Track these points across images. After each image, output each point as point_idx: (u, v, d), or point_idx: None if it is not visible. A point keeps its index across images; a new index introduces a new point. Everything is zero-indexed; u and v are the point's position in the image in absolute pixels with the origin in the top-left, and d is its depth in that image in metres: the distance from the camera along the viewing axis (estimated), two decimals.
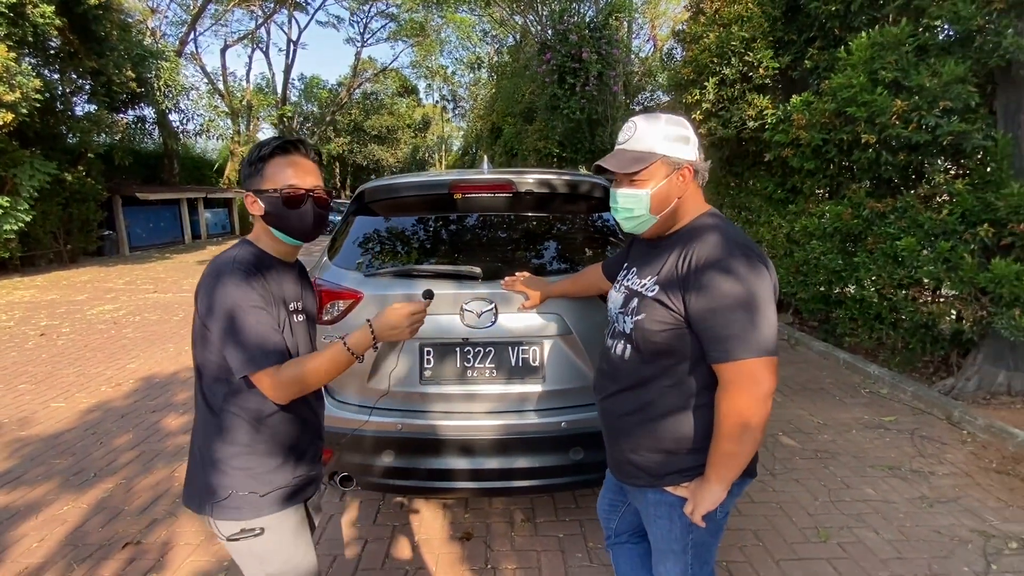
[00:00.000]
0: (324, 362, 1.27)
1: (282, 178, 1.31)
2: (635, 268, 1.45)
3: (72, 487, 3.14)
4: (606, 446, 1.55)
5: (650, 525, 1.46)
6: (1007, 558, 2.39)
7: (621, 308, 1.42)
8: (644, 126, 1.32)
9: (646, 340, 1.33)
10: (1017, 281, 3.40)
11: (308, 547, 1.46)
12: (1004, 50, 3.45)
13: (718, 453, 1.26)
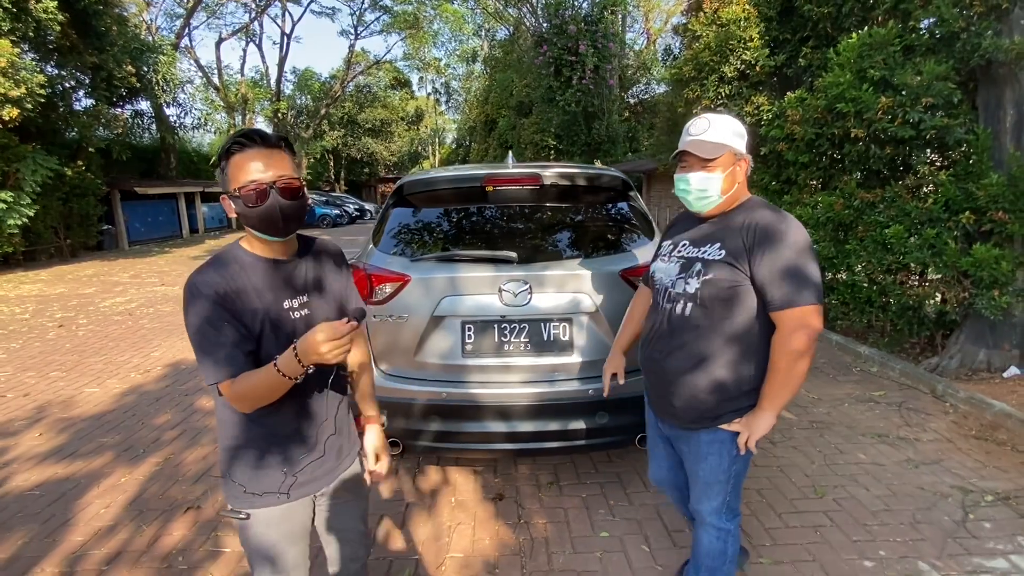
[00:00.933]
0: (261, 381, 1.21)
1: (243, 176, 1.23)
2: (686, 241, 1.71)
3: (125, 460, 3.38)
4: (658, 400, 1.78)
5: (700, 463, 1.71)
6: (982, 509, 2.69)
7: (680, 274, 1.66)
8: (717, 121, 1.60)
9: (714, 296, 1.57)
10: (996, 265, 3.69)
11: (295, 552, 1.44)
12: (984, 50, 3.72)
13: (775, 386, 1.55)
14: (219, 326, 1.22)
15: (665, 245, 1.82)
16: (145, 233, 19.20)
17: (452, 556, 2.43)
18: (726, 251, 1.57)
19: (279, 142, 1.29)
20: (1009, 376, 4.12)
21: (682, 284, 1.64)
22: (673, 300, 1.67)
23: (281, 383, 1.20)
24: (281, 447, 1.35)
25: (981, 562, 2.31)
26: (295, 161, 1.34)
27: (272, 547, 1.39)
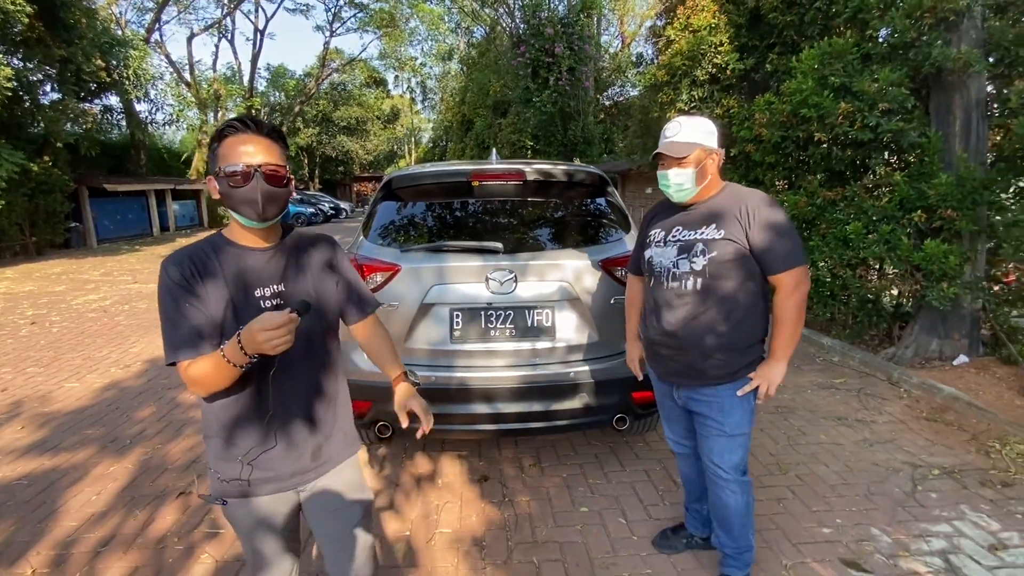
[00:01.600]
0: (211, 366, 1.21)
1: (232, 157, 1.27)
2: (679, 227, 1.94)
3: (112, 452, 3.41)
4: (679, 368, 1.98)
5: (727, 418, 1.93)
6: (930, 481, 2.92)
7: (680, 255, 1.90)
8: (687, 123, 1.86)
9: (718, 269, 1.82)
10: (945, 259, 3.96)
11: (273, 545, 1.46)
12: (934, 59, 3.99)
13: (785, 338, 1.85)
14: (181, 308, 1.25)
15: (653, 233, 2.02)
16: (114, 231, 18.81)
17: (441, 532, 2.55)
18: (724, 231, 1.82)
19: (272, 132, 1.33)
20: (958, 364, 4.41)
21: (686, 264, 1.88)
22: (679, 279, 1.90)
23: (227, 370, 1.19)
24: (236, 436, 1.35)
25: (927, 527, 2.53)
26: (285, 153, 1.36)
27: (249, 535, 1.44)
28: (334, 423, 1.49)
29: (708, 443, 2.00)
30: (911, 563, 2.29)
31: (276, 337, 1.11)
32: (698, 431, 2.05)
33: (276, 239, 1.40)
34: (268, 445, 1.36)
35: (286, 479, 1.41)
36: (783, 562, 2.31)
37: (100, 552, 2.45)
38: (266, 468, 1.37)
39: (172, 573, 2.30)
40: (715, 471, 2.01)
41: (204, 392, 1.28)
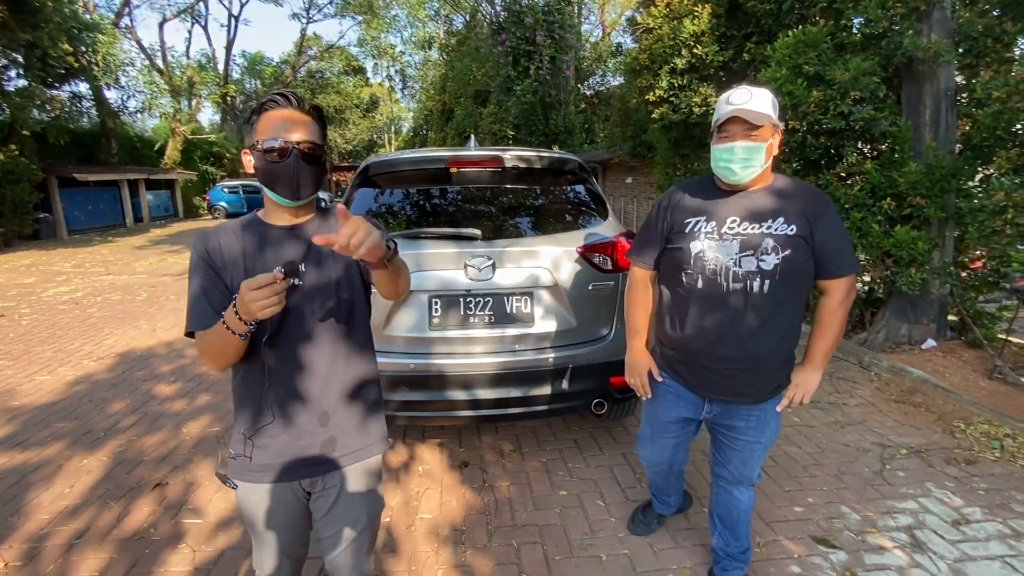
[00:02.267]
0: (215, 336, 1.21)
1: (270, 131, 1.25)
2: (735, 218, 1.67)
3: (84, 445, 3.35)
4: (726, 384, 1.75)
5: (764, 431, 1.82)
6: (898, 460, 3.01)
7: (744, 252, 1.64)
8: (758, 93, 1.60)
9: (794, 271, 1.62)
10: (914, 245, 4.06)
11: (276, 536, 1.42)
12: (905, 49, 4.06)
13: (830, 345, 1.73)
14: (202, 282, 1.28)
15: (695, 223, 1.72)
16: (86, 222, 18.33)
17: (421, 517, 2.57)
18: (796, 227, 1.61)
19: (312, 109, 1.30)
20: (927, 347, 4.54)
21: (752, 262, 1.63)
22: (743, 279, 1.64)
23: (229, 338, 1.17)
24: (241, 411, 1.37)
25: (894, 504, 2.61)
26: (324, 131, 1.33)
27: (252, 521, 1.41)
28: (352, 416, 1.41)
29: (739, 455, 1.88)
30: (878, 539, 2.37)
31: (262, 297, 1.06)
32: (723, 444, 1.91)
33: (306, 218, 1.37)
34: (265, 420, 1.33)
35: (286, 467, 1.35)
36: (756, 540, 2.37)
37: (74, 545, 2.41)
38: (264, 445, 1.34)
39: (149, 564, 2.28)
40: (739, 481, 1.92)
41: (215, 364, 1.26)
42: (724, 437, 1.90)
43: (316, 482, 1.40)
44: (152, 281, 9.12)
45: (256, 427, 1.34)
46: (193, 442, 3.35)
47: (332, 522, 1.43)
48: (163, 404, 3.96)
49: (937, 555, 2.26)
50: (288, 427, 1.34)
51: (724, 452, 1.93)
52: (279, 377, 1.32)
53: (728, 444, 1.89)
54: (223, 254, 1.29)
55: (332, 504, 1.41)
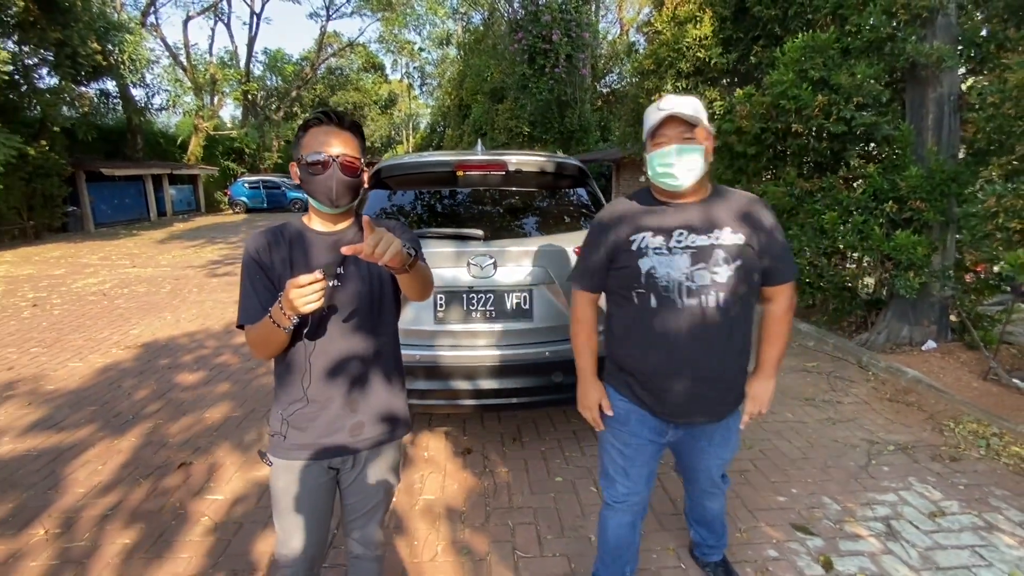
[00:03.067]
0: (262, 329, 1.36)
1: (315, 147, 1.39)
2: (682, 230, 1.59)
3: (114, 428, 3.59)
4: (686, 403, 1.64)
5: (726, 447, 1.82)
6: (884, 456, 3.12)
7: (696, 265, 1.56)
8: (687, 98, 1.58)
9: (744, 281, 1.57)
10: (913, 250, 4.14)
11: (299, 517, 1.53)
12: (908, 54, 4.13)
13: (781, 351, 1.73)
14: (251, 280, 1.44)
15: (640, 239, 1.62)
16: (111, 215, 18.89)
17: (424, 499, 2.75)
18: (743, 234, 1.57)
19: (352, 126, 1.44)
20: (927, 349, 4.61)
21: (705, 275, 1.55)
22: (697, 295, 1.56)
23: (274, 331, 1.32)
24: (282, 394, 1.50)
25: (875, 496, 2.73)
26: (362, 145, 1.46)
27: (281, 498, 1.53)
28: (379, 403, 1.54)
29: (705, 472, 1.88)
30: (855, 527, 2.49)
31: (304, 295, 1.21)
32: (688, 463, 1.90)
33: (345, 224, 1.51)
34: (301, 404, 1.47)
35: (321, 446, 1.49)
36: (738, 526, 2.51)
37: (107, 516, 2.63)
38: (301, 427, 1.48)
39: (175, 535, 2.49)
40: (711, 488, 1.95)
41: (261, 354, 1.41)
42: (688, 457, 1.87)
43: (345, 460, 1.56)
44: (175, 274, 9.44)
45: (293, 410, 1.48)
46: (215, 427, 3.57)
47: (354, 493, 1.60)
48: (186, 391, 4.20)
49: (909, 543, 2.38)
50: (323, 411, 1.48)
51: (689, 471, 1.92)
52: (316, 366, 1.46)
53: (693, 464, 1.87)
54: (271, 255, 1.44)
55: (356, 478, 1.59)
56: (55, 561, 2.32)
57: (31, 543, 2.44)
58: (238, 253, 11.94)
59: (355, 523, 1.66)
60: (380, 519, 1.69)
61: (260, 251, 1.44)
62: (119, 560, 2.33)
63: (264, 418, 3.67)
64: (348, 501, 1.63)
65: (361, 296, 1.47)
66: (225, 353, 5.06)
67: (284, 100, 31.89)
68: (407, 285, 1.45)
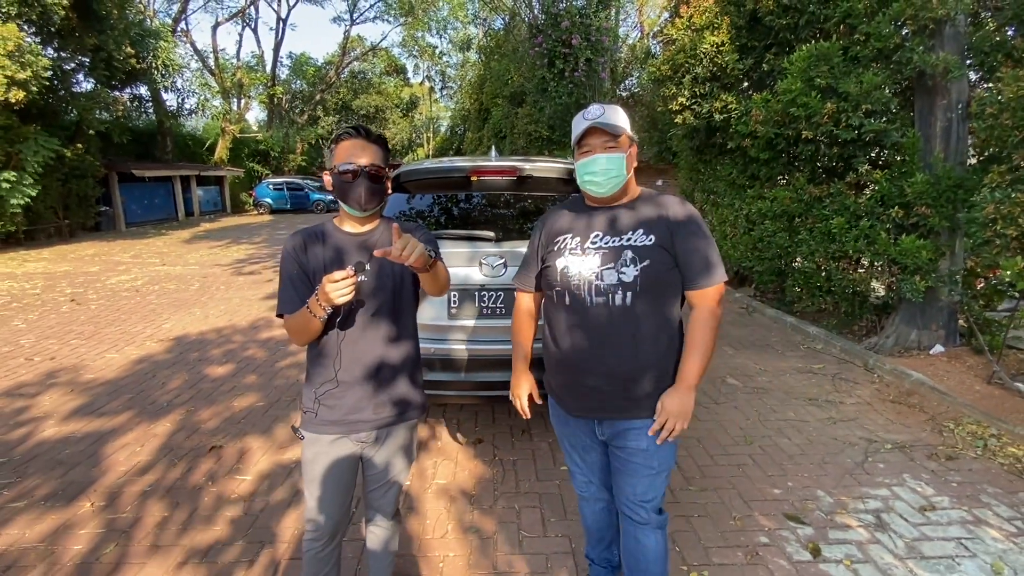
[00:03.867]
0: (299, 317, 1.54)
1: (344, 157, 1.57)
2: (598, 232, 1.66)
3: (149, 414, 3.84)
4: (604, 400, 1.67)
5: (657, 453, 1.68)
6: (881, 453, 3.22)
7: (605, 265, 1.61)
8: (611, 107, 1.64)
9: (655, 281, 1.59)
10: (918, 254, 4.21)
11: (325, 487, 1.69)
12: (914, 64, 4.21)
13: (703, 362, 1.61)
14: (289, 275, 1.63)
15: (562, 240, 1.71)
16: (141, 215, 19.51)
17: (436, 483, 2.93)
18: (655, 236, 1.60)
19: (377, 139, 1.63)
20: (934, 353, 4.66)
21: (613, 275, 1.60)
22: (604, 292, 1.61)
23: (310, 320, 1.51)
24: (314, 375, 1.68)
25: (867, 490, 2.84)
26: (387, 155, 1.64)
27: (311, 469, 1.70)
28: (400, 385, 1.72)
29: (631, 481, 1.72)
30: (845, 518, 2.61)
31: (337, 289, 1.40)
32: (617, 468, 1.76)
33: (372, 226, 1.69)
34: (332, 385, 1.65)
35: (348, 422, 1.66)
36: (732, 514, 2.64)
37: (146, 492, 2.87)
38: (331, 405, 1.66)
39: (208, 512, 2.71)
40: (635, 511, 1.74)
41: (298, 340, 1.61)
42: (616, 460, 1.76)
43: (369, 435, 1.73)
44: (203, 272, 9.80)
45: (324, 390, 1.66)
46: (243, 414, 3.80)
47: (374, 467, 1.78)
48: (215, 382, 4.44)
49: (897, 534, 2.49)
50: (350, 392, 1.66)
51: (617, 479, 1.78)
52: (345, 351, 1.64)
53: (619, 468, 1.75)
54: (307, 253, 1.63)
55: (377, 453, 1.76)
56: (101, 530, 2.56)
57: (79, 514, 2.68)
58: (263, 253, 12.30)
59: (374, 494, 1.84)
60: (397, 492, 1.88)
61: (297, 249, 1.64)
62: (158, 531, 2.55)
63: (289, 406, 3.90)
64: (369, 473, 1.81)
65: (385, 291, 1.66)
66: (252, 347, 5.31)
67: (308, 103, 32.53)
68: (427, 282, 1.64)
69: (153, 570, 2.29)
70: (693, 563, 2.33)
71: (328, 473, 1.72)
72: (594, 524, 2.03)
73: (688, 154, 7.59)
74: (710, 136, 6.77)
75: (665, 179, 13.46)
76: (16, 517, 2.66)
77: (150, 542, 2.47)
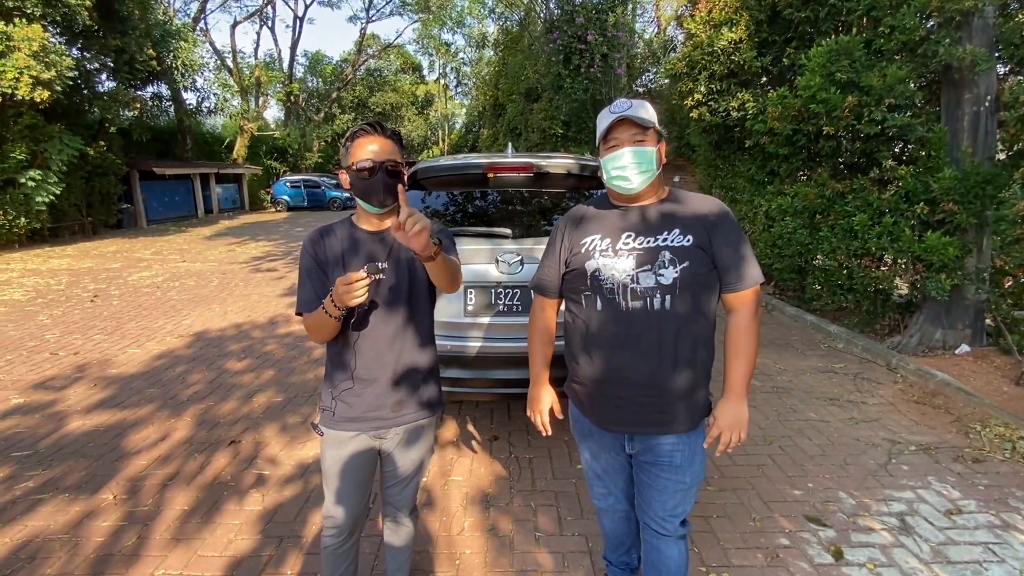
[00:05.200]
0: (316, 317, 1.54)
1: (362, 155, 1.54)
2: (631, 233, 1.58)
3: (170, 408, 3.90)
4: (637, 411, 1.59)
5: (689, 467, 1.62)
6: (904, 456, 3.16)
7: (641, 267, 1.53)
8: (638, 101, 1.57)
9: (692, 284, 1.51)
10: (944, 251, 4.12)
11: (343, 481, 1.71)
12: (941, 57, 4.11)
13: (747, 371, 1.55)
14: (307, 273, 1.63)
15: (590, 242, 1.62)
16: (162, 212, 19.81)
17: (453, 479, 2.93)
18: (693, 237, 1.53)
19: (392, 134, 1.61)
20: (960, 353, 4.56)
21: (650, 277, 1.52)
22: (642, 296, 1.52)
23: (326, 320, 1.51)
24: (332, 375, 1.69)
25: (891, 493, 2.78)
26: (401, 151, 1.62)
27: (330, 465, 1.72)
28: (417, 383, 1.73)
29: (661, 497, 1.66)
30: (868, 521, 2.56)
31: (351, 290, 1.40)
32: (645, 482, 1.69)
33: (389, 224, 1.64)
34: (349, 383, 1.67)
35: (366, 420, 1.67)
36: (752, 516, 2.61)
37: (167, 485, 2.91)
38: (347, 402, 1.67)
39: (225, 502, 2.74)
40: (662, 526, 1.69)
41: (316, 338, 1.61)
42: (645, 475, 1.68)
43: (387, 432, 1.73)
44: (223, 269, 9.92)
45: (342, 388, 1.67)
46: (261, 409, 3.84)
47: (393, 462, 1.79)
48: (234, 377, 4.49)
49: (922, 538, 2.44)
50: (368, 390, 1.67)
51: (644, 492, 1.71)
52: (362, 350, 1.64)
53: (649, 483, 1.67)
54: (325, 250, 1.64)
55: (395, 450, 1.77)
56: (123, 522, 2.60)
57: (102, 506, 2.73)
58: (280, 250, 12.42)
59: (392, 490, 1.84)
60: (415, 489, 1.88)
61: (315, 247, 1.64)
62: (178, 523, 2.58)
63: (305, 403, 3.93)
64: (387, 470, 1.82)
65: (402, 290, 1.65)
66: (270, 343, 5.37)
67: (324, 101, 32.77)
68: (435, 274, 1.57)
69: (173, 562, 2.33)
70: (712, 564, 2.30)
71: (346, 469, 1.72)
72: (612, 532, 1.99)
73: (706, 150, 7.50)
74: (728, 132, 6.68)
75: (682, 175, 13.33)
76: (41, 508, 2.71)
77: (171, 534, 2.50)
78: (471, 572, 2.27)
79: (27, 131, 11.97)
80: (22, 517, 2.64)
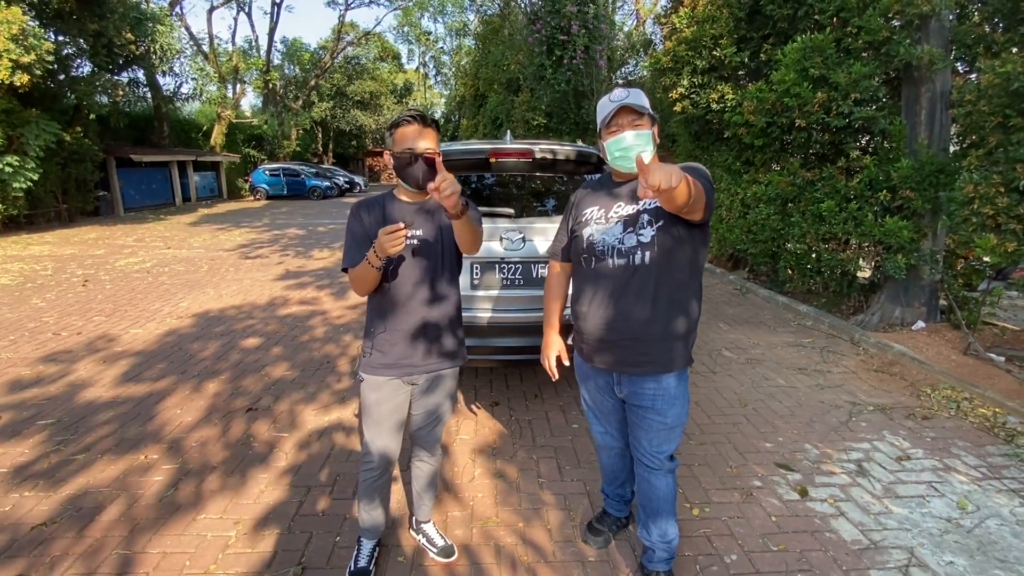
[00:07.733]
0: (360, 268, 1.76)
1: (403, 142, 1.78)
2: (620, 203, 1.84)
3: (187, 380, 4.09)
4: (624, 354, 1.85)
5: (670, 407, 1.88)
6: (863, 415, 3.54)
7: (626, 230, 1.80)
8: (634, 90, 1.79)
9: (669, 240, 1.74)
10: (900, 233, 4.51)
11: (383, 424, 1.96)
12: (901, 56, 4.48)
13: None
14: (352, 234, 1.89)
15: (589, 212, 1.92)
16: (139, 200, 19.53)
17: (460, 438, 3.21)
18: None
19: (432, 123, 1.82)
20: (916, 328, 4.98)
21: (632, 237, 1.77)
22: (626, 255, 1.78)
23: (368, 271, 1.74)
24: (371, 324, 1.95)
25: (850, 444, 3.15)
26: (439, 137, 1.85)
27: (369, 406, 1.98)
28: (442, 336, 1.97)
29: (648, 435, 1.94)
30: (830, 467, 2.92)
31: (392, 239, 1.62)
32: (634, 423, 1.97)
33: (424, 198, 1.92)
34: (385, 333, 1.93)
35: (399, 366, 1.92)
36: (729, 464, 2.95)
37: (194, 446, 3.13)
38: (383, 351, 1.93)
39: (251, 463, 2.98)
40: (650, 460, 1.98)
41: (359, 290, 1.86)
42: (634, 415, 1.96)
43: (418, 378, 2.00)
44: (210, 255, 9.98)
45: (379, 337, 1.94)
46: (274, 382, 4.06)
47: (423, 405, 2.07)
48: (242, 353, 4.69)
49: (876, 479, 2.81)
50: (401, 339, 1.93)
51: (634, 431, 1.99)
52: (398, 304, 1.90)
53: (637, 423, 1.96)
54: (369, 216, 1.89)
55: (424, 392, 2.03)
56: (159, 477, 2.82)
57: (140, 461, 2.94)
58: (265, 238, 12.47)
59: (421, 431, 2.12)
60: (441, 429, 2.16)
61: (362, 212, 1.92)
62: (212, 479, 2.82)
63: (315, 375, 4.15)
64: (416, 413, 2.09)
65: (431, 247, 1.91)
66: (272, 323, 5.56)
67: (303, 89, 32.40)
68: (460, 232, 1.82)
69: (213, 508, 2.57)
70: (695, 501, 2.63)
71: (383, 411, 1.99)
72: (609, 466, 2.30)
73: (686, 140, 7.85)
74: (707, 124, 7.03)
75: None
76: (82, 468, 2.91)
77: (206, 487, 2.74)
78: (485, 508, 2.56)
79: (3, 116, 11.77)
80: (73, 476, 2.84)
